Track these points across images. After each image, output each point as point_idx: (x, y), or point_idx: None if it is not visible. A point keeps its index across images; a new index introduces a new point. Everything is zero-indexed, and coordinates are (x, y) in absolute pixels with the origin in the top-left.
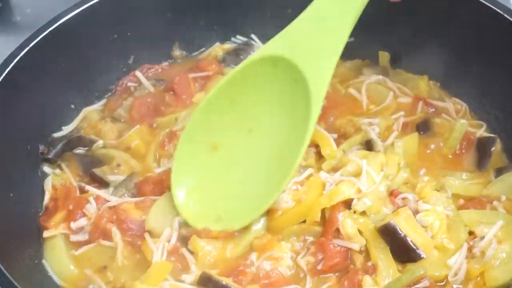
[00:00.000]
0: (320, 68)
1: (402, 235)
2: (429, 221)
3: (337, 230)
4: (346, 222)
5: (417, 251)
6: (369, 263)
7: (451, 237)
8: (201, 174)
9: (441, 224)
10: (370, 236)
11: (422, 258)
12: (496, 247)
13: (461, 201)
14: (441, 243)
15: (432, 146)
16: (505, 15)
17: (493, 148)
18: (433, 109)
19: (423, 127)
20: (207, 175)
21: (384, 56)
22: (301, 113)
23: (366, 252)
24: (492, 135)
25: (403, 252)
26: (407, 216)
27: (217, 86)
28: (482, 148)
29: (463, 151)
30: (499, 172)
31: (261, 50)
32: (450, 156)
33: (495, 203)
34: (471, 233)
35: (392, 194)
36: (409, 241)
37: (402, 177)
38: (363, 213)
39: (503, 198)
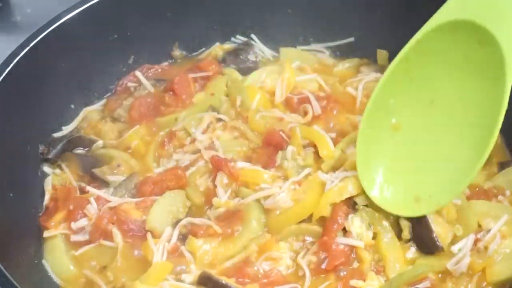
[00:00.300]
0: (507, 23)
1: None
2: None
3: (343, 229)
4: (355, 221)
5: (437, 243)
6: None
7: (461, 225)
8: (388, 159)
9: (448, 212)
10: (382, 229)
11: (440, 249)
12: (500, 242)
13: (467, 192)
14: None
15: None
16: None
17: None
18: None
19: None
20: (395, 158)
21: (382, 55)
22: (490, 74)
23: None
24: None
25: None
26: None
27: (392, 65)
28: None
29: None
30: (502, 166)
31: (435, 18)
32: None
33: (500, 197)
34: (478, 225)
35: None
36: (434, 234)
37: None
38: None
39: (508, 193)
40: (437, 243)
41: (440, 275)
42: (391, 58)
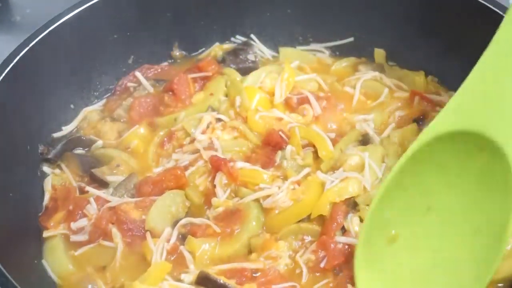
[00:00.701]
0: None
1: None
2: None
3: (342, 227)
4: (354, 221)
5: None
6: None
7: None
8: (388, 272)
9: None
10: None
11: None
12: None
13: None
14: None
15: None
16: (495, 9)
17: None
18: (430, 104)
19: (419, 121)
20: (395, 271)
21: (379, 54)
22: (493, 179)
23: None
24: None
25: None
26: None
27: (387, 179)
28: None
29: None
30: None
31: (431, 129)
32: None
33: None
34: None
35: None
36: None
37: None
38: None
39: None
40: None
41: None
42: (388, 57)
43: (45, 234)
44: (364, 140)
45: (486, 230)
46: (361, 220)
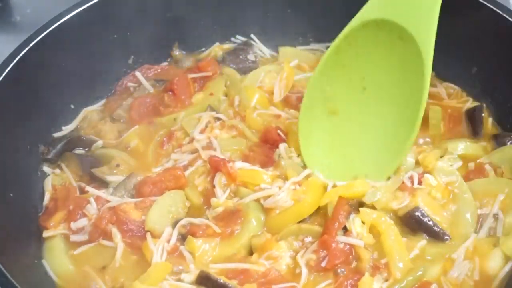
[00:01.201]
0: (423, 21)
1: (428, 221)
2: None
3: (344, 227)
4: (356, 221)
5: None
6: (383, 260)
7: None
8: (327, 141)
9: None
10: (387, 228)
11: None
12: (503, 217)
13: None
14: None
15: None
16: (490, 5)
17: (482, 114)
18: None
19: None
20: (333, 140)
21: None
22: (413, 67)
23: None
24: (477, 103)
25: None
26: (425, 198)
27: (325, 56)
28: (471, 117)
29: (451, 125)
30: (495, 138)
31: (360, 16)
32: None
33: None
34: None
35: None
36: (437, 225)
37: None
38: (372, 206)
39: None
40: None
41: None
42: None
43: (45, 234)
44: None
45: (407, 108)
46: (363, 222)
